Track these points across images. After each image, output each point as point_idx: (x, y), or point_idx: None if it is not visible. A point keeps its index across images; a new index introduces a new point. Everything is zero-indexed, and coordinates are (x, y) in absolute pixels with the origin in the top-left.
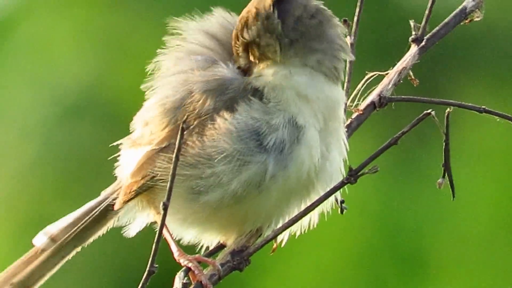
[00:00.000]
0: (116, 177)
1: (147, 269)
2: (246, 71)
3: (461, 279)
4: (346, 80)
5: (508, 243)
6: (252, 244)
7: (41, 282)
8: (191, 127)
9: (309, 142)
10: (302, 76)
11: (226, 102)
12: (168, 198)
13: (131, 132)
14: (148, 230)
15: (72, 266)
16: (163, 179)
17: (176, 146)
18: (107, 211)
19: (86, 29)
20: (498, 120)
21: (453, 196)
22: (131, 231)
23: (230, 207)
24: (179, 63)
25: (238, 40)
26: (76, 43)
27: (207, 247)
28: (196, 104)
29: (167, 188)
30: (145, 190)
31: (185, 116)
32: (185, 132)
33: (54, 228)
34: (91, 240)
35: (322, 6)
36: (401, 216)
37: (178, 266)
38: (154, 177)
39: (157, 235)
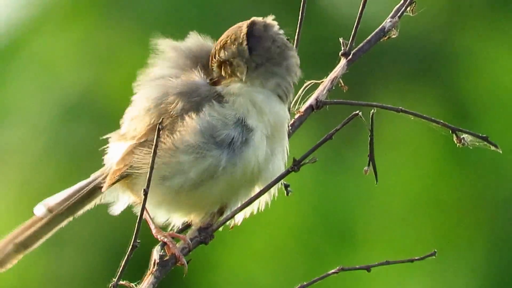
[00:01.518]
0: (104, 163)
1: (131, 244)
2: (215, 83)
3: (381, 246)
4: None
5: (418, 217)
6: (215, 222)
7: (39, 243)
8: (165, 126)
9: (256, 144)
10: (259, 92)
11: (193, 104)
12: (148, 186)
13: (121, 126)
14: (131, 213)
15: (69, 243)
16: (139, 168)
17: (154, 143)
18: (95, 190)
19: (83, 45)
20: (412, 118)
21: (376, 181)
22: (115, 210)
23: (188, 192)
24: (160, 71)
25: (214, 58)
26: (75, 56)
27: (179, 226)
28: (170, 105)
29: (147, 178)
30: (125, 176)
31: (161, 118)
32: (160, 132)
33: (52, 200)
34: (80, 212)
35: (286, 40)
36: (334, 197)
37: (156, 241)
38: (132, 166)
39: (139, 216)
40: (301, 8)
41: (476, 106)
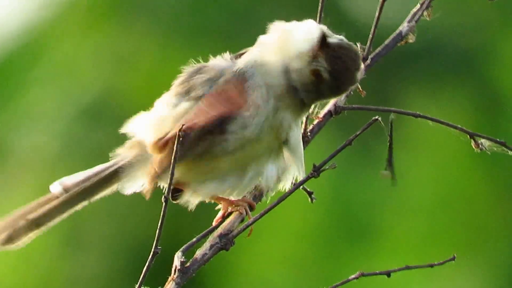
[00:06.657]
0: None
1: (152, 250)
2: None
3: (401, 248)
4: None
5: (440, 218)
6: (235, 228)
7: (51, 224)
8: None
9: (270, 120)
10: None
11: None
12: (168, 193)
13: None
14: (154, 215)
15: (92, 245)
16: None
17: (174, 149)
18: (115, 174)
19: (102, 48)
20: (431, 123)
21: (395, 184)
22: (127, 191)
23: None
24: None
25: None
26: (93, 59)
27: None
28: (197, 91)
29: (167, 183)
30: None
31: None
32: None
33: (69, 180)
34: (97, 197)
35: None
36: (352, 200)
37: (177, 247)
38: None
39: (159, 222)
40: (318, 12)
41: (508, 104)
